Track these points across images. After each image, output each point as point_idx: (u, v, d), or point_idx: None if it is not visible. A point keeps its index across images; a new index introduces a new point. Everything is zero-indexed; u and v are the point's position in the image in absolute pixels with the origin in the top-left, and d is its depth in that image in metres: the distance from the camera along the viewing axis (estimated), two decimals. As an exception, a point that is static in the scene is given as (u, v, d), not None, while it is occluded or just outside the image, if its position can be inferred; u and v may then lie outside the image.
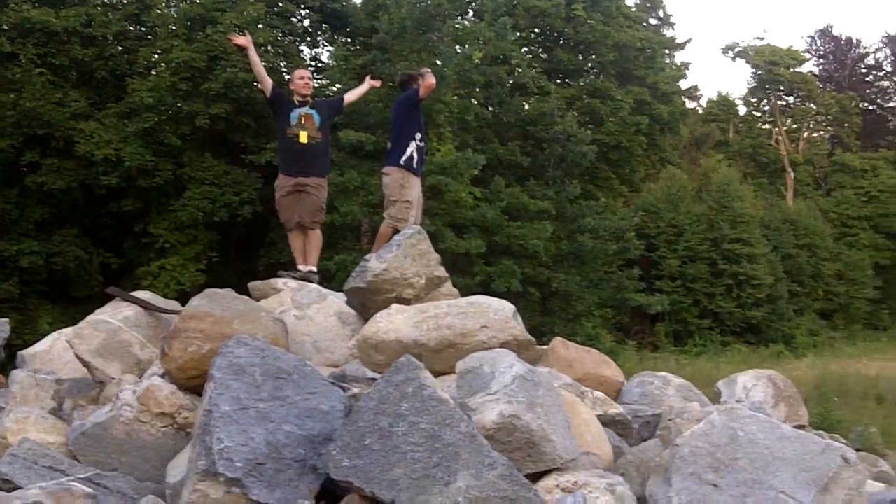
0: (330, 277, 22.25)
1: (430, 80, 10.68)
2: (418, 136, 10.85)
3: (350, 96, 12.12)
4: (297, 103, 10.89)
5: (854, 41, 68.59)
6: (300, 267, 10.67)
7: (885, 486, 7.95)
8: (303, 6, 31.80)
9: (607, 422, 7.23)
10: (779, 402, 8.77)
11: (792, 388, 9.09)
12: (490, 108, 33.94)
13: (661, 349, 38.97)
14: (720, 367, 27.53)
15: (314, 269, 10.81)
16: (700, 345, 40.83)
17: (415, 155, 10.76)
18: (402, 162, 10.69)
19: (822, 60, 69.08)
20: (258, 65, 11.14)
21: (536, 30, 41.63)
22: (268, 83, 11.05)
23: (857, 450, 9.36)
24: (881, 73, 69.83)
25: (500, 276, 27.82)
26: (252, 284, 9.71)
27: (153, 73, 28.55)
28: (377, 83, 12.34)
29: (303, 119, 10.79)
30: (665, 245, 43.89)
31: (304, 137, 10.78)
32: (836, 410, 15.68)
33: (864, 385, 23.27)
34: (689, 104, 58.55)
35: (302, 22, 32.68)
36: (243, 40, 11.13)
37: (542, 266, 30.44)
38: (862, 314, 52.75)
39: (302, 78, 11.15)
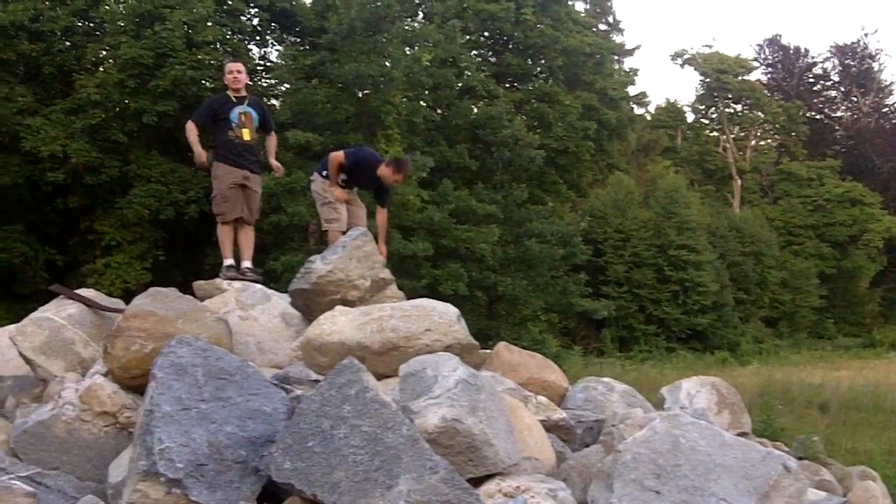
0: (276, 278, 22.19)
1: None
2: (342, 175, 10.62)
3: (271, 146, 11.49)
4: (234, 100, 10.68)
5: (802, 50, 69.23)
6: (244, 265, 10.45)
7: (827, 494, 8.03)
8: (252, 5, 31.69)
9: (550, 427, 7.25)
10: (722, 409, 8.81)
11: (735, 396, 9.14)
12: (438, 111, 33.98)
13: (606, 354, 39.06)
14: (665, 374, 27.56)
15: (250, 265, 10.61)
16: (645, 350, 41.06)
17: (339, 181, 10.64)
18: (323, 174, 10.59)
19: (770, 69, 69.60)
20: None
21: (486, 33, 41.62)
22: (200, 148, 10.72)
23: (800, 458, 9.42)
24: (828, 83, 70.54)
25: (446, 280, 27.82)
26: (196, 284, 9.61)
27: (101, 69, 28.33)
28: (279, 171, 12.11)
29: (243, 118, 10.58)
30: (612, 250, 44.14)
31: (247, 135, 10.62)
32: (780, 418, 15.66)
33: (808, 393, 23.30)
34: (637, 110, 59.06)
35: (251, 20, 32.56)
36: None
37: (488, 270, 30.47)
38: (807, 323, 53.31)
39: (231, 72, 10.89)
